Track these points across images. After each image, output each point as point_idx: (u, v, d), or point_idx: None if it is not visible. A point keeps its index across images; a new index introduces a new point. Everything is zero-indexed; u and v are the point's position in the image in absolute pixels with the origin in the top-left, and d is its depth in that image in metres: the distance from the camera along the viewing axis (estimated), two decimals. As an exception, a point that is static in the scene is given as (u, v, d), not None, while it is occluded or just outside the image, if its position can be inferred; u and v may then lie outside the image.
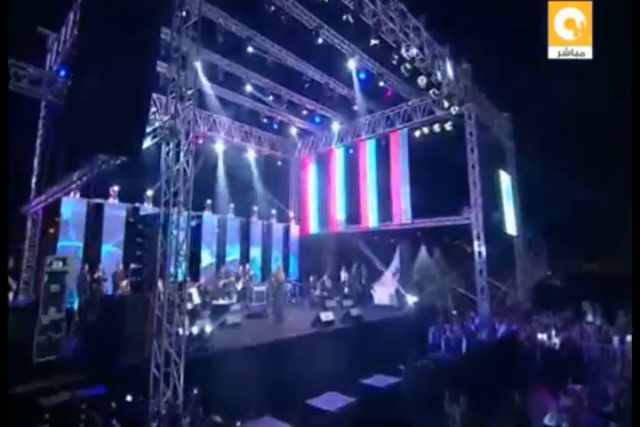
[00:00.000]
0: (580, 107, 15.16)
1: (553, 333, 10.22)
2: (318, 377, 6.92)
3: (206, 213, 14.15)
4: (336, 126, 16.62)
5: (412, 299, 12.84)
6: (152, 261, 6.70)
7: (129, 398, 5.45)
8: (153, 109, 9.75)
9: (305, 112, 14.81)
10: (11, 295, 8.47)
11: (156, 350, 5.00)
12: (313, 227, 17.54)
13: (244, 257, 15.00)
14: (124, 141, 4.63)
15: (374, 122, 15.99)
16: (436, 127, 14.19)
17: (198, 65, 11.51)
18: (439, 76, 11.85)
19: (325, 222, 17.13)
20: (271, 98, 13.63)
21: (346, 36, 11.30)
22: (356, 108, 14.49)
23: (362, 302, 13.84)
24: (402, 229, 15.18)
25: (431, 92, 11.84)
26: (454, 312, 12.38)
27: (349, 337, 8.98)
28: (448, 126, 13.91)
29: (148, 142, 7.54)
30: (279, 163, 17.68)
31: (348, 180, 16.66)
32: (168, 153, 5.80)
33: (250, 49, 10.94)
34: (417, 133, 14.76)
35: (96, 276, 9.32)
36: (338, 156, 17.16)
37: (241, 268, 13.64)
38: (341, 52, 11.78)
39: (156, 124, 7.88)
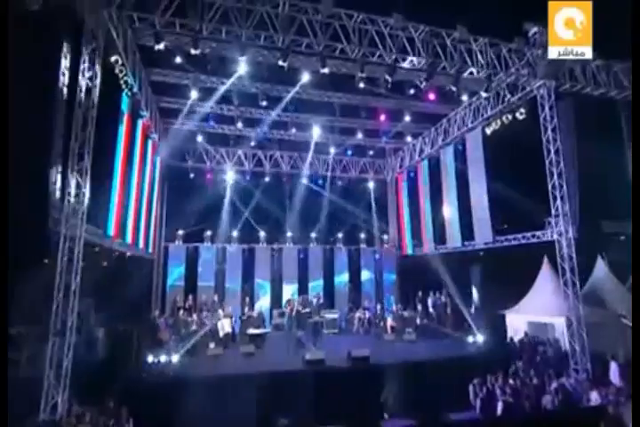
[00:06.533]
0: None
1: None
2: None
3: (287, 246, 15.57)
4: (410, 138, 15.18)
5: (480, 337, 10.33)
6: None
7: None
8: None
9: (360, 134, 14.43)
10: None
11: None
12: (408, 249, 16.25)
13: (328, 285, 15.45)
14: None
15: (450, 124, 13.82)
16: (505, 119, 11.19)
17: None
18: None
19: (419, 243, 15.61)
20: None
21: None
22: (407, 118, 13.11)
23: (436, 336, 12.02)
24: (488, 248, 12.35)
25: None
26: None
27: (333, 382, 8.23)
28: (520, 115, 10.78)
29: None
30: (370, 185, 17.41)
31: (432, 194, 14.82)
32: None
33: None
34: (488, 130, 11.97)
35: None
36: (423, 169, 15.54)
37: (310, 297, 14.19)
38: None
39: None
